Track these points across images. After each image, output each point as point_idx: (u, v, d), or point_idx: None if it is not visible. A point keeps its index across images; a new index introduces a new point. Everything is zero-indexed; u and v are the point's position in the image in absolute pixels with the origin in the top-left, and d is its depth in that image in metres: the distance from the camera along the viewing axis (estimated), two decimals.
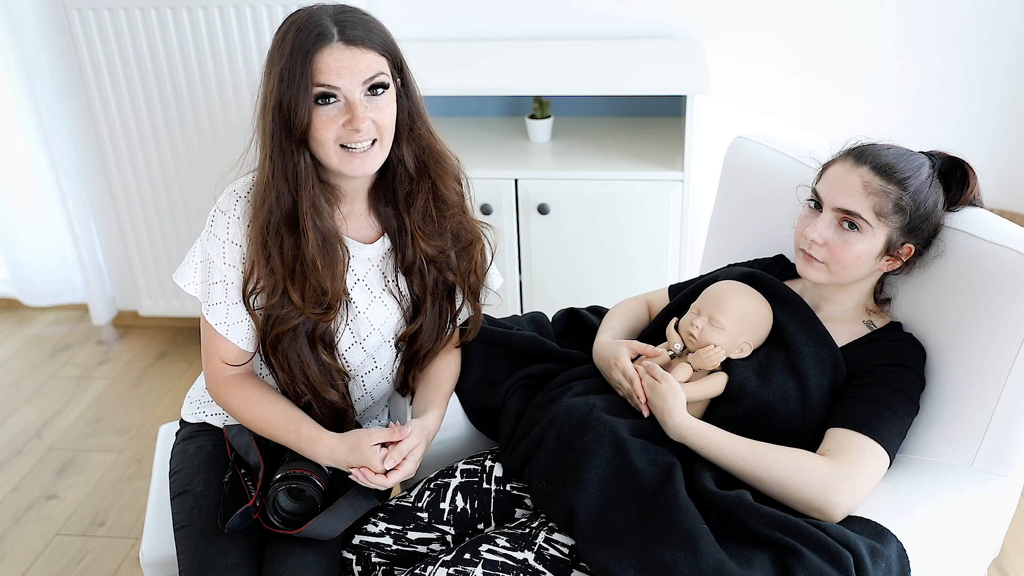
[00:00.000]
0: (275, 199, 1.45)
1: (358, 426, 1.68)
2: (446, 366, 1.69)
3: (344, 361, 1.60)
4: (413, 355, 1.67)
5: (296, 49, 1.39)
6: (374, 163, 1.46)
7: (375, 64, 1.42)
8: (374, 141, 1.45)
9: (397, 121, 1.51)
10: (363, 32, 1.42)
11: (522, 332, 1.76)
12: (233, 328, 1.53)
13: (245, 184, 1.52)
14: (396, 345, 1.66)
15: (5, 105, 3.07)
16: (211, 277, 1.52)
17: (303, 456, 1.51)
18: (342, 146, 1.43)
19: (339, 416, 1.59)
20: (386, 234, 1.59)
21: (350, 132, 1.41)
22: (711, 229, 1.98)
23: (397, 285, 1.62)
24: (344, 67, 1.39)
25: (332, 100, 1.41)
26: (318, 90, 1.40)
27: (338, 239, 1.51)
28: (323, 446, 1.49)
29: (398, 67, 1.49)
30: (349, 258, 1.54)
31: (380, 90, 1.43)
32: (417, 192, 1.56)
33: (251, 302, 1.50)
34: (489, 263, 1.70)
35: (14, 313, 3.46)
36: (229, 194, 1.51)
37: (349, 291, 1.56)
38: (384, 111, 1.44)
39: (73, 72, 2.90)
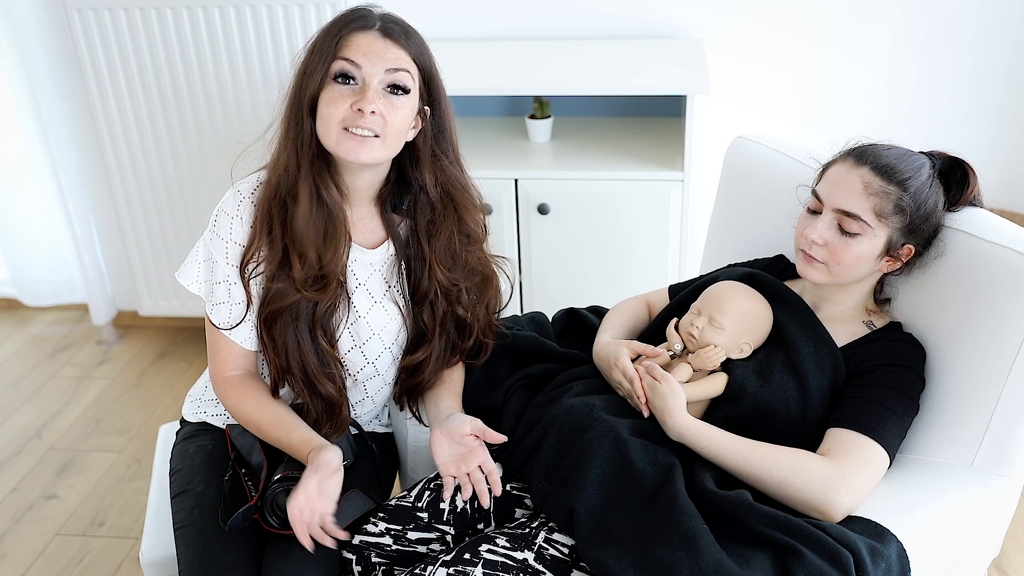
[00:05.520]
0: (284, 169, 1.47)
1: (355, 425, 1.67)
2: (454, 369, 1.69)
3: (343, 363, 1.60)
4: (414, 387, 1.66)
5: (334, 25, 1.44)
6: (370, 155, 1.44)
7: (403, 60, 1.44)
8: (377, 136, 1.44)
9: (419, 145, 1.52)
10: (403, 32, 1.45)
11: (522, 332, 1.76)
12: (236, 328, 1.53)
13: (249, 185, 1.52)
14: (399, 371, 1.66)
15: (5, 105, 3.07)
16: (214, 277, 1.52)
17: None
18: (344, 129, 1.43)
19: (332, 410, 1.58)
20: (390, 240, 1.59)
21: (355, 114, 1.41)
22: (711, 229, 1.98)
23: (401, 292, 1.62)
24: (372, 51, 1.42)
25: (351, 82, 1.42)
26: (339, 64, 1.41)
27: (342, 216, 1.50)
28: (315, 453, 1.46)
29: (430, 89, 1.50)
30: (349, 246, 1.53)
31: (399, 91, 1.44)
32: (441, 223, 1.56)
33: (247, 272, 1.50)
34: (506, 303, 1.70)
35: (14, 313, 3.46)
36: (233, 194, 1.51)
37: (351, 295, 1.56)
38: (397, 111, 1.44)
39: (73, 72, 2.90)
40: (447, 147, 1.55)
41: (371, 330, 1.60)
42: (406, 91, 1.44)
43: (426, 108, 1.50)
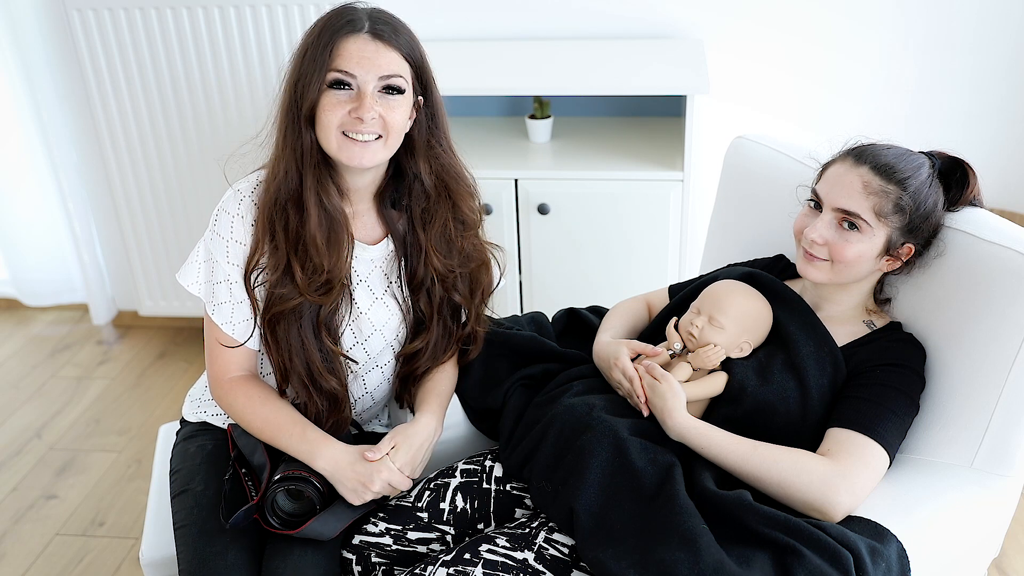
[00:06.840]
0: (284, 175, 1.47)
1: (356, 425, 1.68)
2: (441, 371, 1.69)
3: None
4: (410, 373, 1.66)
5: (324, 30, 1.43)
6: (373, 158, 1.46)
7: (396, 64, 1.44)
8: (379, 137, 1.45)
9: (414, 135, 1.52)
10: (392, 32, 1.45)
11: (522, 332, 1.76)
12: (239, 327, 1.53)
13: (249, 184, 1.52)
14: (397, 359, 1.67)
15: (5, 105, 3.07)
16: (215, 277, 1.52)
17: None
18: (344, 134, 1.44)
19: (336, 406, 1.58)
20: (390, 236, 1.59)
21: (354, 120, 1.42)
22: (711, 229, 1.98)
23: (401, 287, 1.62)
24: (365, 58, 1.42)
25: (345, 87, 1.42)
26: (333, 75, 1.42)
27: (344, 220, 1.51)
28: (327, 449, 1.48)
29: (422, 80, 1.50)
30: (352, 246, 1.54)
31: (394, 92, 1.45)
32: (436, 211, 1.57)
33: (252, 279, 1.50)
34: (496, 285, 1.70)
35: (14, 313, 3.46)
36: (233, 193, 1.51)
37: (352, 291, 1.56)
38: (394, 111, 1.45)
39: (73, 72, 2.90)
40: (440, 135, 1.55)
41: (373, 326, 1.60)
42: (401, 91, 1.45)
43: (419, 98, 1.51)
